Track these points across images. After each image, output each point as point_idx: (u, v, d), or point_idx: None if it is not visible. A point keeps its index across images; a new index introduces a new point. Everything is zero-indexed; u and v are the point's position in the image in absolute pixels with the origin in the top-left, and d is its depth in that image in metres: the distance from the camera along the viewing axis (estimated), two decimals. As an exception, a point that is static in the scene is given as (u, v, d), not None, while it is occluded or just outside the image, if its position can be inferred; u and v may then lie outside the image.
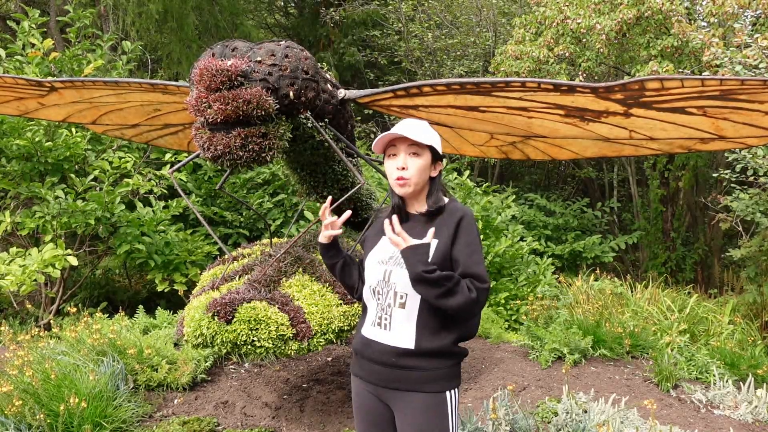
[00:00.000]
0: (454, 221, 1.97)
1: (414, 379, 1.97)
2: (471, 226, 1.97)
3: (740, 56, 5.49)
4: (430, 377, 1.96)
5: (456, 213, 2.00)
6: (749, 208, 6.55)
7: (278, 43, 3.00)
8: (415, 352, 1.96)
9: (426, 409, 1.97)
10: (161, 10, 8.59)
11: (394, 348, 1.98)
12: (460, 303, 1.85)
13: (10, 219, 5.42)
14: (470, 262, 1.92)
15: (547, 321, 5.76)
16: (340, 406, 3.96)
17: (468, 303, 1.85)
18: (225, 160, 2.82)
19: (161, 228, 6.26)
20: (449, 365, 1.99)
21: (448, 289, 1.85)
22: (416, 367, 1.96)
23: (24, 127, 5.58)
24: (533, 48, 8.14)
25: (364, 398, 2.11)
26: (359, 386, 2.13)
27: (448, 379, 1.99)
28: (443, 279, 1.84)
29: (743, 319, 5.93)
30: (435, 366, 1.97)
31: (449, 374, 1.99)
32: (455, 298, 1.85)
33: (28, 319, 6.03)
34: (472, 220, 1.99)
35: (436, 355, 1.96)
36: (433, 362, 1.96)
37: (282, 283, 3.28)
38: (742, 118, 2.80)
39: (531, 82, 2.80)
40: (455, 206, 2.04)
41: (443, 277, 1.84)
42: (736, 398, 4.13)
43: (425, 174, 2.05)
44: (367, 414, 2.11)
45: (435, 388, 1.97)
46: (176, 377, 4.08)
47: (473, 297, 1.86)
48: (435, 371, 1.97)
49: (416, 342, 1.96)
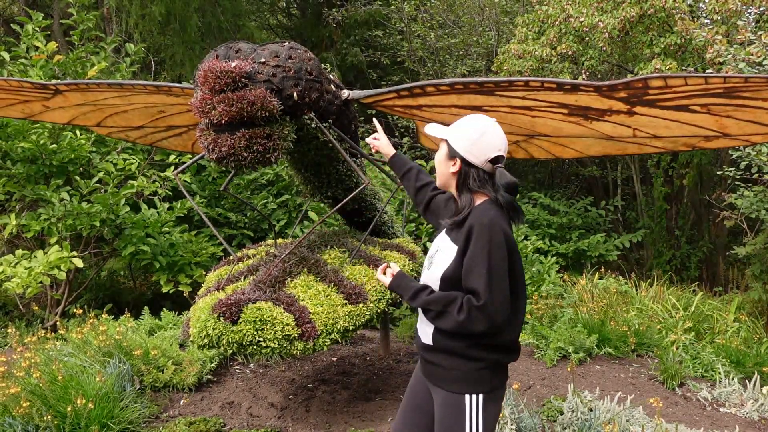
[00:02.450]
0: (467, 229, 1.92)
1: (438, 375, 2.03)
2: (481, 236, 1.86)
3: (744, 53, 5.47)
4: (450, 376, 1.99)
5: (471, 220, 1.93)
6: (754, 205, 6.53)
7: (282, 45, 3.01)
8: (434, 348, 2.02)
9: (444, 407, 2.01)
10: (164, 12, 8.60)
11: (420, 342, 2.10)
12: (450, 326, 1.90)
13: (15, 221, 5.44)
14: (469, 276, 1.88)
15: (552, 320, 5.75)
16: (346, 405, 3.97)
17: (457, 326, 1.87)
18: (230, 161, 2.83)
19: (166, 229, 6.27)
20: (471, 368, 1.96)
21: (436, 312, 1.93)
22: (438, 364, 2.02)
23: (29, 130, 5.60)
24: (536, 47, 8.13)
25: (418, 380, 2.20)
26: (418, 368, 2.22)
27: (469, 382, 1.97)
28: (428, 303, 1.94)
29: (748, 317, 5.91)
30: (454, 366, 1.98)
31: (471, 378, 1.97)
32: (445, 321, 1.91)
33: (34, 321, 6.06)
34: (486, 229, 1.87)
35: (453, 355, 1.97)
36: (451, 361, 1.98)
37: (287, 284, 3.29)
38: (746, 116, 2.80)
39: (534, 81, 2.80)
40: (476, 213, 1.95)
41: (429, 301, 1.93)
42: (742, 396, 4.12)
43: (443, 167, 2.07)
44: (415, 395, 2.20)
45: (454, 388, 1.99)
46: (182, 378, 4.09)
47: (460, 319, 1.86)
48: (454, 371, 1.98)
49: (433, 339, 2.01)
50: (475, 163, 1.99)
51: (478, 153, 1.98)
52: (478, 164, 1.99)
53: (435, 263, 2.03)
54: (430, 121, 3.70)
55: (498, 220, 1.90)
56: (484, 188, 1.99)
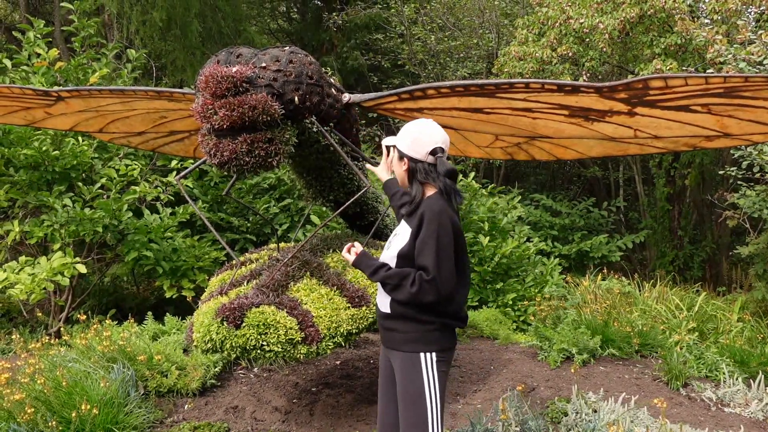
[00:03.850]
0: (419, 215, 2.25)
1: (396, 339, 2.34)
2: (431, 221, 2.20)
3: (744, 53, 5.48)
4: (405, 338, 2.31)
5: (423, 207, 2.26)
6: (756, 205, 6.53)
7: (282, 49, 3.02)
8: (392, 315, 2.33)
9: (403, 367, 2.31)
10: (165, 18, 8.63)
11: (380, 311, 2.41)
12: (405, 297, 2.21)
13: (18, 228, 5.46)
14: (420, 254, 2.21)
15: (555, 321, 5.75)
16: (350, 409, 3.96)
17: (410, 296, 2.20)
18: (231, 165, 2.84)
19: (169, 234, 6.28)
20: (423, 330, 2.28)
21: (393, 286, 2.24)
22: (395, 329, 2.33)
23: (31, 137, 5.62)
24: (536, 49, 8.14)
25: (381, 354, 2.51)
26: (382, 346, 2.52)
27: (422, 342, 2.28)
28: (386, 278, 2.26)
29: (752, 317, 5.90)
30: (408, 329, 2.29)
31: (422, 338, 2.28)
32: (400, 293, 2.23)
33: (38, 327, 6.07)
34: (435, 216, 2.20)
35: (407, 319, 2.28)
36: (406, 325, 2.30)
37: (290, 288, 3.29)
38: (747, 115, 2.80)
39: (535, 83, 2.81)
40: (427, 202, 2.28)
41: (386, 276, 2.26)
42: (747, 396, 4.11)
43: (396, 168, 2.42)
44: (381, 369, 2.51)
45: (409, 348, 2.29)
46: (186, 383, 4.09)
47: (413, 291, 2.18)
48: (409, 334, 2.30)
49: (390, 306, 2.33)
50: (418, 158, 2.32)
51: (419, 148, 2.32)
52: (421, 158, 2.32)
53: (393, 245, 2.37)
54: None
55: (446, 209, 2.24)
56: (429, 178, 2.32)
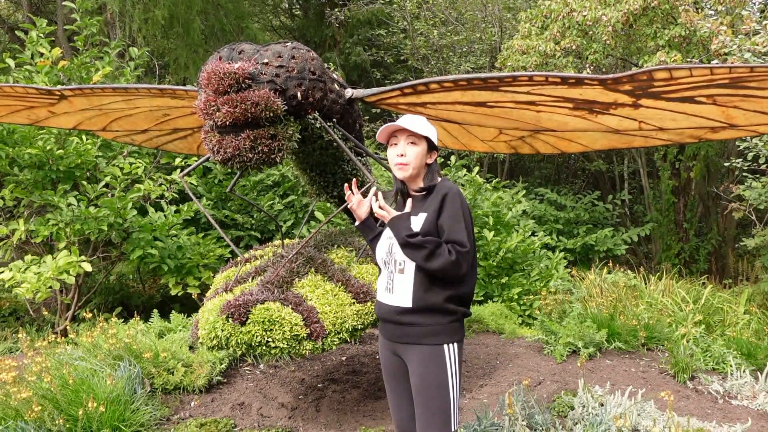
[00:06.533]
0: (440, 196, 2.29)
1: (415, 334, 2.29)
2: (455, 200, 2.26)
3: (749, 43, 5.44)
4: (428, 332, 2.27)
5: (443, 190, 2.31)
6: (762, 196, 6.50)
7: (285, 45, 3.01)
8: (413, 310, 2.28)
9: (426, 360, 2.28)
10: (167, 15, 8.63)
11: (397, 307, 2.32)
12: (442, 264, 2.17)
13: (24, 227, 5.47)
14: (452, 230, 2.23)
15: (561, 315, 5.74)
16: (356, 405, 3.97)
17: (448, 263, 2.17)
18: (235, 162, 2.83)
19: (173, 232, 6.29)
20: (446, 322, 2.28)
21: (430, 251, 2.18)
22: (416, 323, 2.28)
23: (35, 136, 5.63)
24: (539, 42, 8.11)
25: (384, 352, 2.47)
26: (381, 342, 2.49)
27: (445, 333, 2.28)
28: (425, 242, 2.19)
29: (759, 309, 5.87)
30: (431, 322, 2.27)
31: (446, 330, 2.28)
32: (437, 260, 2.17)
33: (44, 325, 6.09)
34: (457, 195, 2.28)
35: (431, 311, 2.27)
36: (429, 318, 2.27)
37: (295, 284, 3.29)
38: (753, 106, 2.78)
39: (538, 76, 2.79)
40: (444, 185, 2.35)
41: (425, 240, 2.20)
42: (754, 388, 4.10)
43: (422, 160, 2.36)
44: (387, 366, 2.47)
45: (433, 341, 2.27)
46: (192, 380, 4.10)
47: (452, 259, 2.17)
48: (432, 327, 2.27)
49: (413, 300, 2.27)
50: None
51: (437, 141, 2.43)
52: None
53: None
54: (434, 118, 3.70)
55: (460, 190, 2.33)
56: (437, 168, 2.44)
